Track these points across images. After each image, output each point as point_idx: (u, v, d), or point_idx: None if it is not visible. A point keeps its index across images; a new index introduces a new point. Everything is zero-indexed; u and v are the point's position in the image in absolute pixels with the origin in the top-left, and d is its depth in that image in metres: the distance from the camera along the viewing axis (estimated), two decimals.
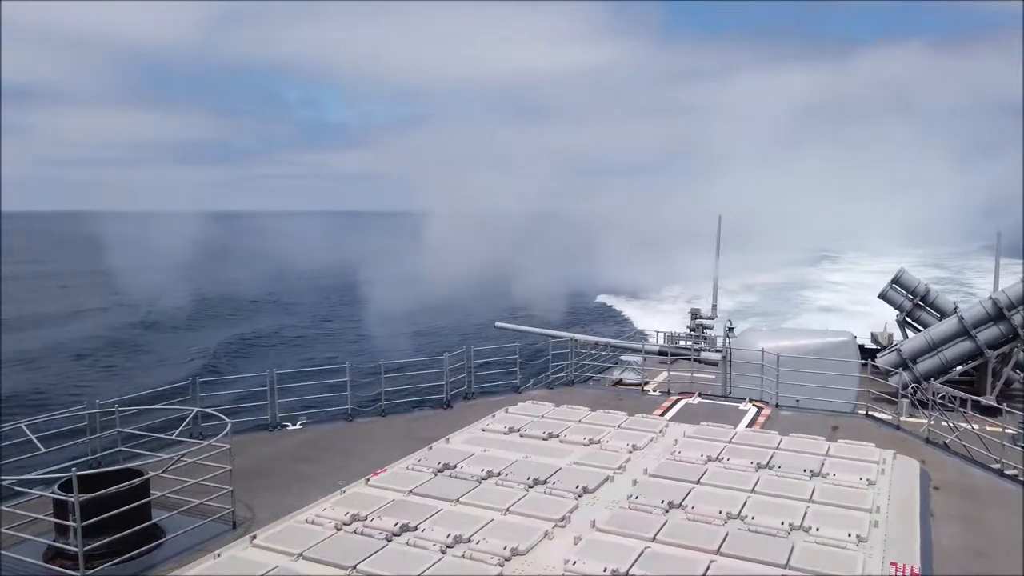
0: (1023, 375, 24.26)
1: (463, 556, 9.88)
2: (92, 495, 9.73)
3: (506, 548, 9.96)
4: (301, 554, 9.93)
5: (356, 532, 10.59)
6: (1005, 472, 13.79)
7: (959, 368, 23.46)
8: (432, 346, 47.04)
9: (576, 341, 22.95)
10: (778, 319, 67.28)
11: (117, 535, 10.02)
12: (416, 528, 10.61)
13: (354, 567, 9.57)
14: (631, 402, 18.82)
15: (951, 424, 15.81)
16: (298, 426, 16.88)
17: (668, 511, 11.24)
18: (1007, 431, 14.28)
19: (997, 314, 22.51)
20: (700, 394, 19.90)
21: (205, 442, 11.83)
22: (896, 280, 26.81)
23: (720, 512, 11.07)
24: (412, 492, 11.98)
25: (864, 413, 17.96)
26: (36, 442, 11.60)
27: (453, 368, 18.93)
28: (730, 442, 14.51)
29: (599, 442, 14.62)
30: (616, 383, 23.12)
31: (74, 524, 9.62)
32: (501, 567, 9.65)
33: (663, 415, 17.83)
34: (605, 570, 9.36)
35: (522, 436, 15.14)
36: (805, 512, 11.09)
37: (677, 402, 19.24)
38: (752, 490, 11.99)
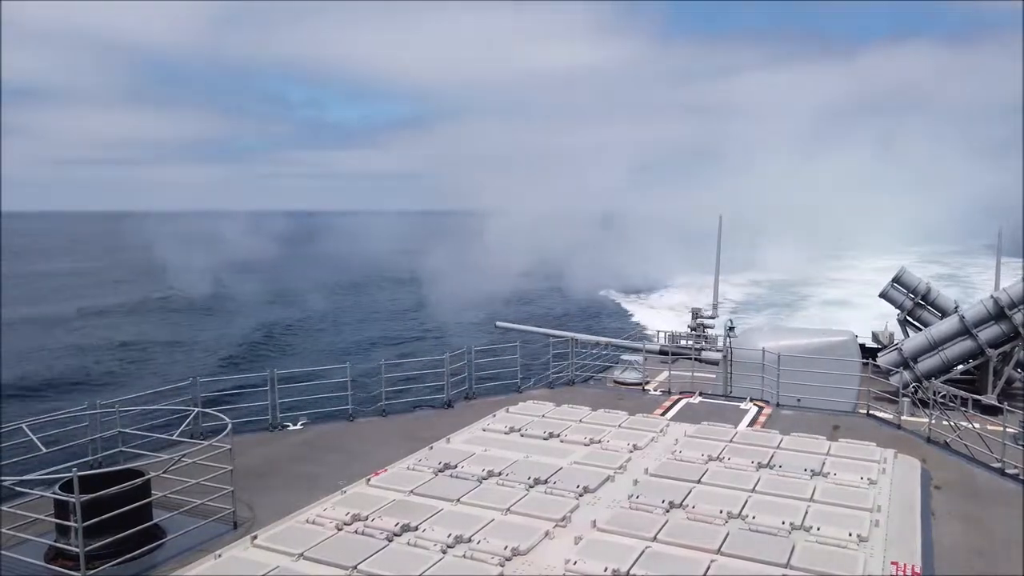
0: None
1: (464, 556, 9.87)
2: (93, 495, 9.74)
3: (507, 548, 9.96)
4: (302, 554, 9.93)
5: (357, 532, 10.59)
6: (1006, 471, 13.79)
7: (960, 367, 23.44)
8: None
9: (577, 341, 22.98)
10: (785, 310, 68.12)
11: (118, 535, 10.03)
12: (417, 528, 10.61)
13: (355, 567, 9.57)
14: (632, 402, 18.81)
15: (952, 423, 15.80)
16: (299, 426, 16.87)
17: (669, 511, 11.23)
18: (1008, 430, 14.26)
19: (998, 313, 22.49)
20: (701, 393, 19.90)
21: (206, 442, 11.81)
22: (897, 279, 26.79)
23: (721, 512, 11.07)
24: (413, 492, 11.98)
25: (865, 412, 17.93)
26: (37, 442, 11.61)
27: (454, 368, 18.94)
28: (731, 441, 14.50)
29: (600, 442, 14.62)
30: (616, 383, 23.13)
31: (75, 524, 9.62)
32: (502, 567, 9.64)
33: (664, 415, 17.83)
34: (606, 570, 9.36)
35: (523, 436, 15.14)
36: (806, 511, 11.08)
37: (678, 401, 19.24)
38: (753, 489, 11.99)
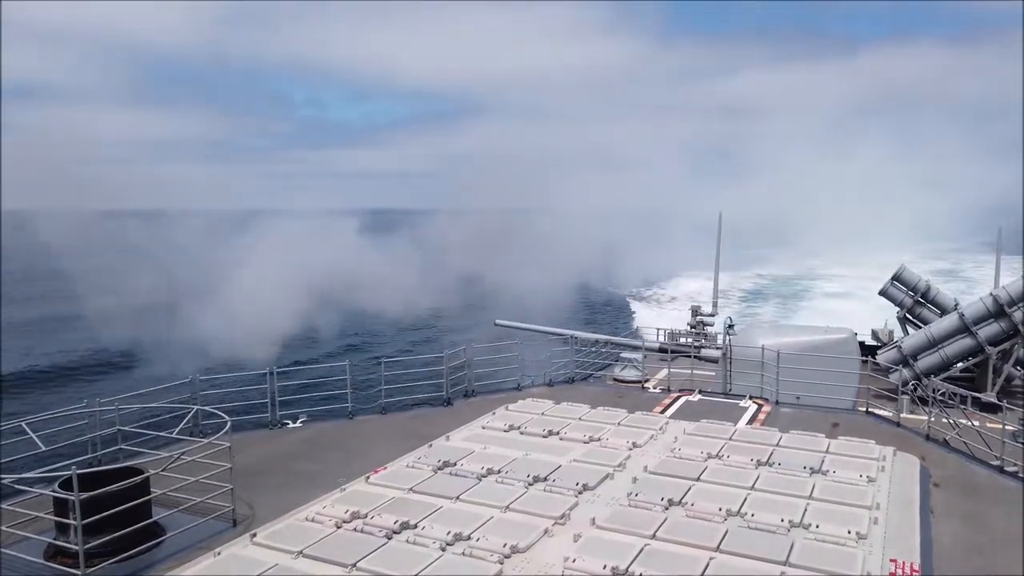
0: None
1: (463, 554, 9.88)
2: (92, 493, 9.75)
3: (506, 546, 9.97)
4: (301, 552, 9.94)
5: (356, 530, 10.60)
6: (1005, 469, 13.79)
7: (960, 365, 23.39)
8: None
9: (576, 338, 22.97)
10: (790, 301, 68.83)
11: (117, 533, 10.04)
12: (416, 526, 10.62)
13: (354, 565, 9.57)
14: (631, 399, 18.83)
15: (951, 421, 15.79)
16: (298, 424, 16.88)
17: (668, 508, 11.24)
18: (1007, 428, 14.26)
19: (998, 310, 22.44)
20: (700, 391, 19.91)
21: (205, 440, 11.81)
22: (897, 277, 26.74)
23: (720, 509, 11.08)
24: (412, 490, 12.00)
25: (864, 410, 17.96)
26: (36, 440, 11.62)
27: (453, 366, 18.94)
28: (730, 439, 14.51)
29: (599, 439, 14.63)
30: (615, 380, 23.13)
31: (74, 522, 9.63)
32: (501, 565, 9.65)
33: (663, 412, 17.85)
34: (605, 567, 9.37)
35: (522, 434, 15.15)
36: (805, 509, 11.10)
37: (677, 399, 19.26)
38: (752, 487, 12.00)
